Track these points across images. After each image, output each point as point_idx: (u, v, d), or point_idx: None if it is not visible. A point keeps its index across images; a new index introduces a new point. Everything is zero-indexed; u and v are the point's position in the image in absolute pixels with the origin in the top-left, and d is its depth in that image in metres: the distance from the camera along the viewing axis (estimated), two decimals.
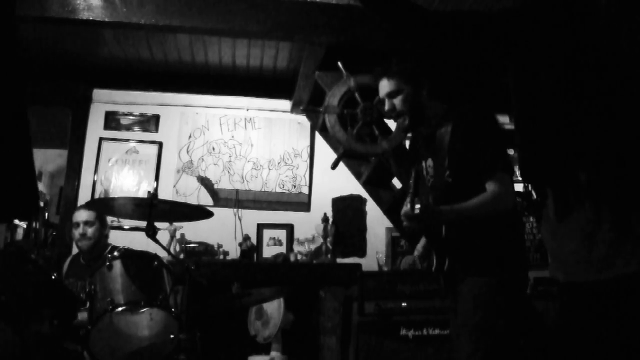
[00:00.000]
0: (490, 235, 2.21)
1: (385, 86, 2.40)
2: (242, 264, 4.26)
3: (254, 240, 4.56)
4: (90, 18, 3.64)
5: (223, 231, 4.59)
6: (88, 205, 3.58)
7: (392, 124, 4.29)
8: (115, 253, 2.88)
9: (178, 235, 4.22)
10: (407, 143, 4.87)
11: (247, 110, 5.03)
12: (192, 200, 4.63)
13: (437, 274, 2.32)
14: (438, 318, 3.31)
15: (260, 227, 4.73)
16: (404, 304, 3.38)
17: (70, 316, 2.78)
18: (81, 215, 3.52)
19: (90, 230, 3.49)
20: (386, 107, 2.41)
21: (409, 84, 2.35)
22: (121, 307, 2.62)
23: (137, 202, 2.78)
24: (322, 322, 3.74)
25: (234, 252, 4.50)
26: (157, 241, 2.69)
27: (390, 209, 4.55)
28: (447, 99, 2.45)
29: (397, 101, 2.36)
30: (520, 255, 2.29)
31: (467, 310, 2.16)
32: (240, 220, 4.69)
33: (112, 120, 4.88)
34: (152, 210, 2.66)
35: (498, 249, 2.21)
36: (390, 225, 4.74)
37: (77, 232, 3.51)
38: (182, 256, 4.07)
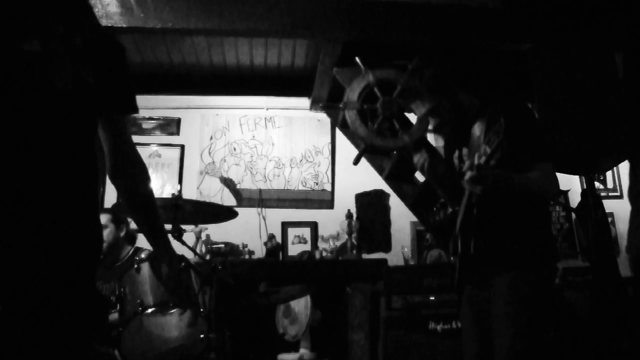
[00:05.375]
0: (525, 224, 2.20)
1: (420, 106, 2.43)
2: (268, 262, 4.27)
3: (278, 239, 4.57)
4: (109, 25, 3.67)
5: (248, 231, 4.61)
6: (107, 209, 3.61)
7: (412, 118, 4.27)
8: (143, 256, 2.91)
9: (203, 237, 4.25)
10: (430, 136, 4.86)
11: (267, 109, 5.05)
12: (216, 202, 4.65)
13: (462, 259, 2.28)
14: None
15: (285, 226, 4.74)
16: (431, 298, 3.36)
17: (101, 318, 2.82)
18: None
19: (104, 233, 3.51)
20: (431, 126, 2.49)
21: (442, 94, 2.37)
22: (151, 308, 2.64)
23: (162, 203, 2.80)
24: (349, 318, 3.73)
25: (260, 252, 4.51)
26: (183, 242, 2.72)
27: (414, 203, 4.52)
28: (480, 91, 2.44)
29: (440, 115, 2.39)
30: (552, 245, 2.27)
31: (507, 304, 2.13)
32: (264, 219, 4.71)
33: (133, 125, 4.93)
34: (177, 211, 2.68)
35: (532, 238, 2.19)
36: (414, 219, 4.71)
37: None
38: (208, 257, 4.10)
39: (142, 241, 3.80)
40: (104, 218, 3.50)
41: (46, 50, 1.22)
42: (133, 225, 3.97)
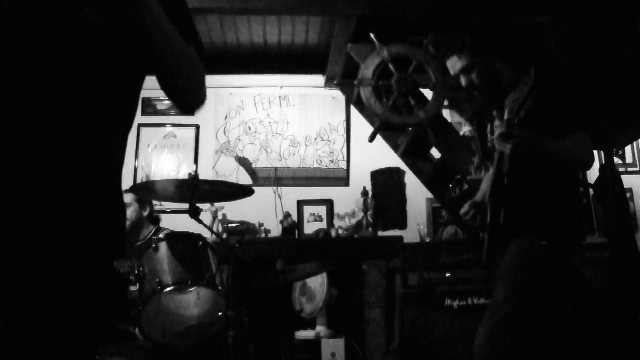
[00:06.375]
0: (554, 195, 2.19)
1: (457, 63, 2.38)
2: (285, 241, 4.29)
3: (294, 217, 4.59)
4: None
5: (264, 210, 4.63)
6: (128, 189, 3.64)
7: (428, 94, 4.23)
8: (161, 235, 2.94)
9: (220, 216, 4.27)
10: (446, 112, 4.82)
11: (281, 88, 5.03)
12: (232, 181, 4.67)
13: (491, 232, 2.26)
14: (482, 288, 3.29)
15: (301, 204, 4.75)
16: (447, 275, 3.37)
17: (121, 297, 2.87)
18: None
19: (128, 212, 3.54)
20: (463, 84, 2.41)
21: (481, 56, 2.35)
22: (170, 287, 2.67)
23: (178, 184, 2.81)
24: (366, 295, 3.76)
25: (276, 230, 4.53)
26: (200, 222, 2.73)
27: (430, 180, 4.51)
28: (515, 62, 2.42)
29: (474, 77, 2.36)
30: (577, 219, 2.25)
31: (509, 265, 2.14)
32: (280, 198, 4.72)
33: (149, 106, 4.94)
34: (194, 191, 2.69)
35: (559, 210, 2.17)
36: (430, 196, 4.70)
37: None
38: (225, 236, 4.13)
39: (165, 223, 3.84)
40: (128, 197, 3.54)
41: None
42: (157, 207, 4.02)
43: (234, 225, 4.25)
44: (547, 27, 4.08)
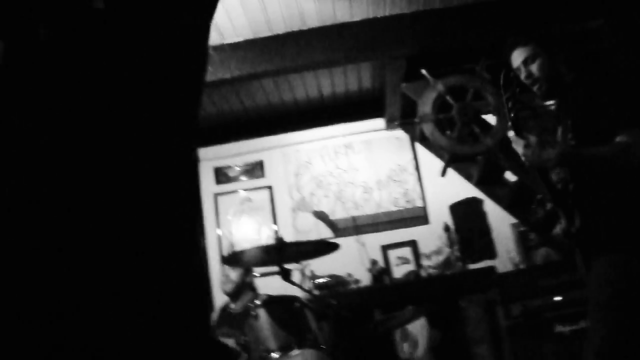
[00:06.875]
0: (620, 201, 2.10)
1: (520, 54, 2.36)
2: (376, 289, 4.27)
3: (381, 263, 4.57)
4: None
5: (349, 260, 4.61)
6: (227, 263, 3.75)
7: (491, 119, 4.18)
8: (257, 302, 2.99)
9: (308, 273, 4.30)
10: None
11: (344, 136, 5.10)
12: (312, 236, 4.73)
13: (567, 238, 2.20)
14: None
15: (385, 249, 4.74)
16: (552, 299, 3.24)
17: None
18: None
19: (233, 274, 3.63)
20: (522, 75, 2.35)
21: (545, 50, 2.32)
22: (275, 353, 2.70)
23: (265, 249, 2.87)
24: (468, 332, 3.66)
25: (365, 279, 4.51)
26: (293, 283, 2.77)
27: (510, 204, 4.41)
28: (573, 64, 2.39)
29: (534, 68, 2.31)
30: None
31: (597, 287, 2.05)
32: (363, 246, 4.72)
33: (221, 175, 5.11)
34: (282, 254, 2.74)
35: (628, 218, 2.08)
36: (514, 220, 4.58)
37: (221, 276, 3.69)
38: (316, 292, 4.14)
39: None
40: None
41: None
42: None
43: (323, 280, 4.26)
44: (600, 29, 4.01)
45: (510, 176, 4.46)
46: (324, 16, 3.87)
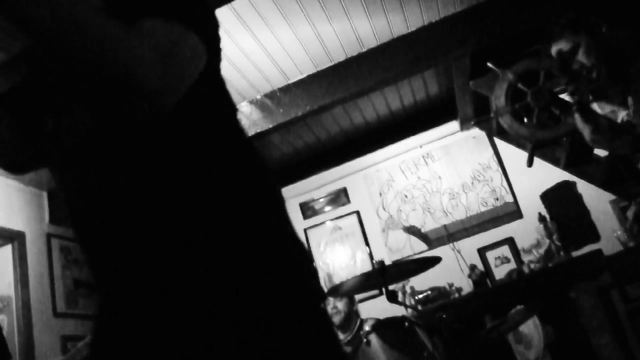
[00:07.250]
0: None
1: (557, 49, 2.25)
2: (481, 294, 4.17)
3: (480, 267, 4.47)
4: (258, 131, 3.99)
5: (447, 269, 4.54)
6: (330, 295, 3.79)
7: (569, 97, 4.03)
8: (366, 327, 3.00)
9: (408, 289, 4.28)
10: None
11: (421, 147, 5.07)
12: (406, 252, 4.71)
13: None
14: None
15: (481, 252, 4.63)
16: None
17: None
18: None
19: (340, 305, 3.67)
20: (574, 67, 2.22)
21: (584, 34, 2.18)
22: None
23: (367, 276, 2.89)
24: (584, 322, 3.49)
25: (466, 286, 4.43)
26: (399, 302, 2.76)
27: (606, 181, 4.20)
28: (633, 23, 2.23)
29: (582, 57, 2.18)
30: None
31: None
32: (459, 252, 4.64)
33: (307, 209, 5.21)
34: (385, 277, 2.75)
35: None
36: (612, 197, 4.35)
37: (329, 309, 3.73)
38: (419, 307, 4.11)
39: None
40: None
41: None
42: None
43: (425, 294, 4.22)
44: None
45: (600, 152, 4.27)
46: (381, 34, 3.89)
